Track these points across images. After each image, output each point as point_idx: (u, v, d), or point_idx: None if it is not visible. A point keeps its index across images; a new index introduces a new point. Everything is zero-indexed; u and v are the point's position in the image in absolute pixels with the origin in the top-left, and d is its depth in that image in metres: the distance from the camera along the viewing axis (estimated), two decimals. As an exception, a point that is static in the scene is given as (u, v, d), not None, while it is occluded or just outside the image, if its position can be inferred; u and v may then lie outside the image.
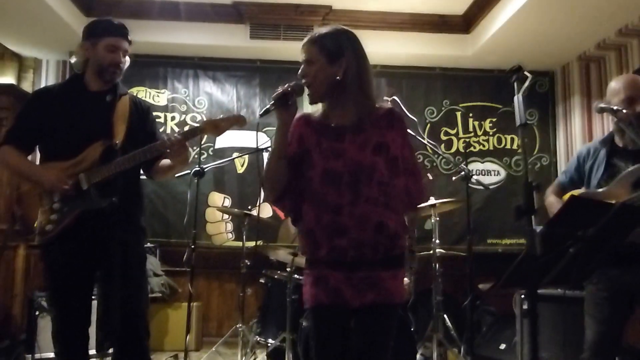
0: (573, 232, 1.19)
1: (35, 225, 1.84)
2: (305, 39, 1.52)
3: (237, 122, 1.93)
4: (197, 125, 1.94)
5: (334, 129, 1.50)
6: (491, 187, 4.41)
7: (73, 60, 1.96)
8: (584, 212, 1.23)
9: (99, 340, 2.56)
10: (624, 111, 1.93)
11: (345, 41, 1.49)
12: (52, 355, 1.89)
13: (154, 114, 2.23)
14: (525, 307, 2.75)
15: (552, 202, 2.18)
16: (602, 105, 1.99)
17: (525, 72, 1.19)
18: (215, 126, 1.92)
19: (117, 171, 1.82)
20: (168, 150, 1.87)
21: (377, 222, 1.45)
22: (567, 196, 2.03)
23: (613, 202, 1.34)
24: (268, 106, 1.48)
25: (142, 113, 2.01)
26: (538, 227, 1.14)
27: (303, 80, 1.51)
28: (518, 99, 1.19)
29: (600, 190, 1.99)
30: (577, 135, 4.27)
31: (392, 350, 1.49)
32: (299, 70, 1.54)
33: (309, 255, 1.53)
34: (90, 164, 1.83)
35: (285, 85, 1.48)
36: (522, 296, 2.74)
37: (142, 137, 1.94)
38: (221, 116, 1.96)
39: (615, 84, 2.05)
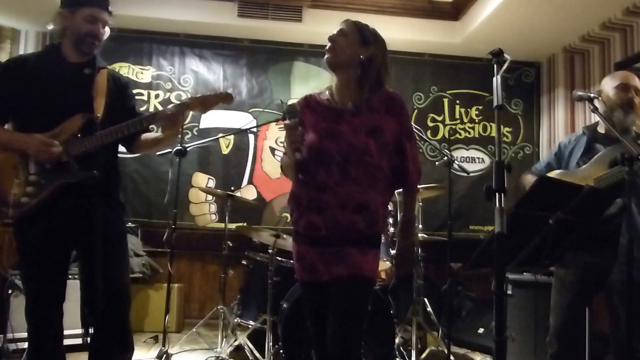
0: (542, 213, 1.21)
1: (9, 198, 1.77)
2: (347, 20, 1.64)
3: (224, 99, 1.89)
4: (184, 101, 1.88)
5: (333, 110, 1.57)
6: (475, 174, 4.44)
7: (50, 27, 1.89)
8: (553, 193, 1.25)
9: (84, 318, 2.52)
10: (600, 98, 2.01)
11: (379, 37, 1.65)
12: (25, 335, 1.85)
13: (137, 91, 2.18)
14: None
15: (530, 179, 2.19)
16: (580, 93, 2.04)
17: (505, 55, 1.20)
18: (202, 103, 1.87)
19: (99, 144, 1.79)
20: (159, 123, 1.83)
21: (358, 202, 1.50)
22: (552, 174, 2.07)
23: (583, 185, 1.36)
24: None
25: (121, 88, 1.96)
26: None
27: (329, 44, 1.57)
28: (496, 80, 1.20)
29: (577, 169, 2.03)
30: (559, 127, 4.31)
31: (371, 333, 1.51)
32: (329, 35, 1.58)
33: (293, 224, 1.60)
34: (68, 136, 1.78)
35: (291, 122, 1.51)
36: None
37: (121, 112, 1.89)
38: (208, 93, 1.91)
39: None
